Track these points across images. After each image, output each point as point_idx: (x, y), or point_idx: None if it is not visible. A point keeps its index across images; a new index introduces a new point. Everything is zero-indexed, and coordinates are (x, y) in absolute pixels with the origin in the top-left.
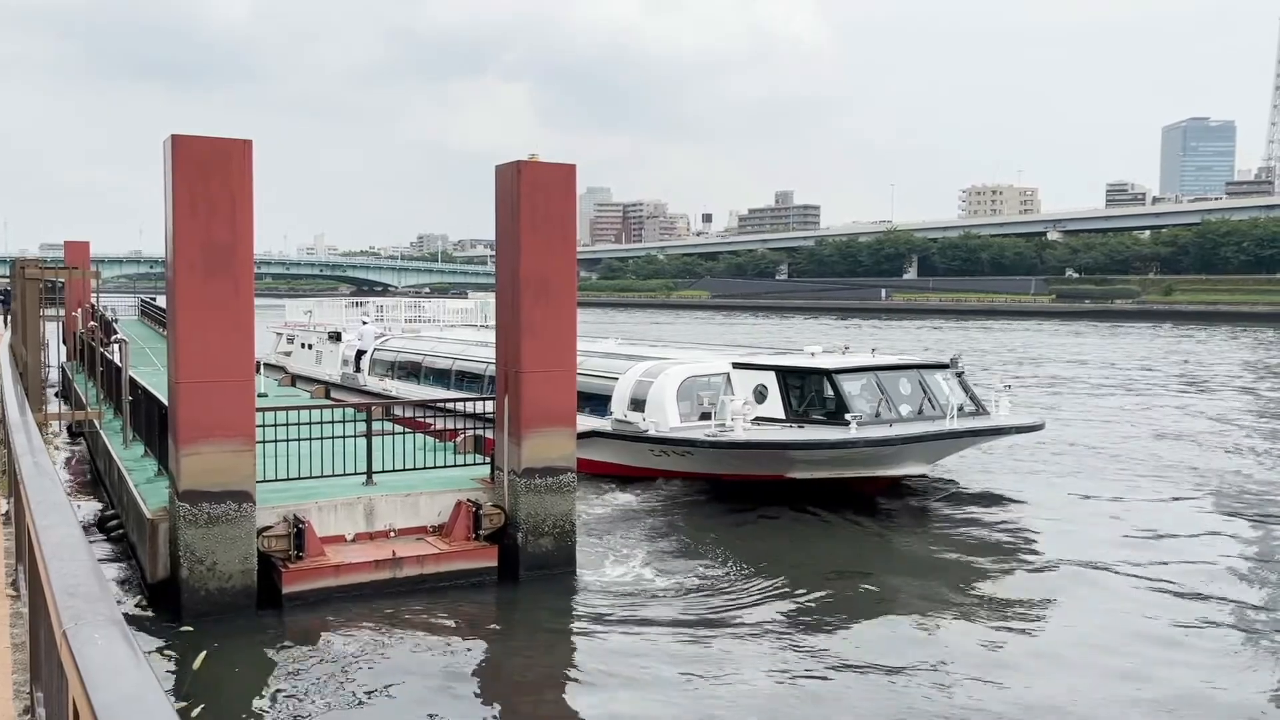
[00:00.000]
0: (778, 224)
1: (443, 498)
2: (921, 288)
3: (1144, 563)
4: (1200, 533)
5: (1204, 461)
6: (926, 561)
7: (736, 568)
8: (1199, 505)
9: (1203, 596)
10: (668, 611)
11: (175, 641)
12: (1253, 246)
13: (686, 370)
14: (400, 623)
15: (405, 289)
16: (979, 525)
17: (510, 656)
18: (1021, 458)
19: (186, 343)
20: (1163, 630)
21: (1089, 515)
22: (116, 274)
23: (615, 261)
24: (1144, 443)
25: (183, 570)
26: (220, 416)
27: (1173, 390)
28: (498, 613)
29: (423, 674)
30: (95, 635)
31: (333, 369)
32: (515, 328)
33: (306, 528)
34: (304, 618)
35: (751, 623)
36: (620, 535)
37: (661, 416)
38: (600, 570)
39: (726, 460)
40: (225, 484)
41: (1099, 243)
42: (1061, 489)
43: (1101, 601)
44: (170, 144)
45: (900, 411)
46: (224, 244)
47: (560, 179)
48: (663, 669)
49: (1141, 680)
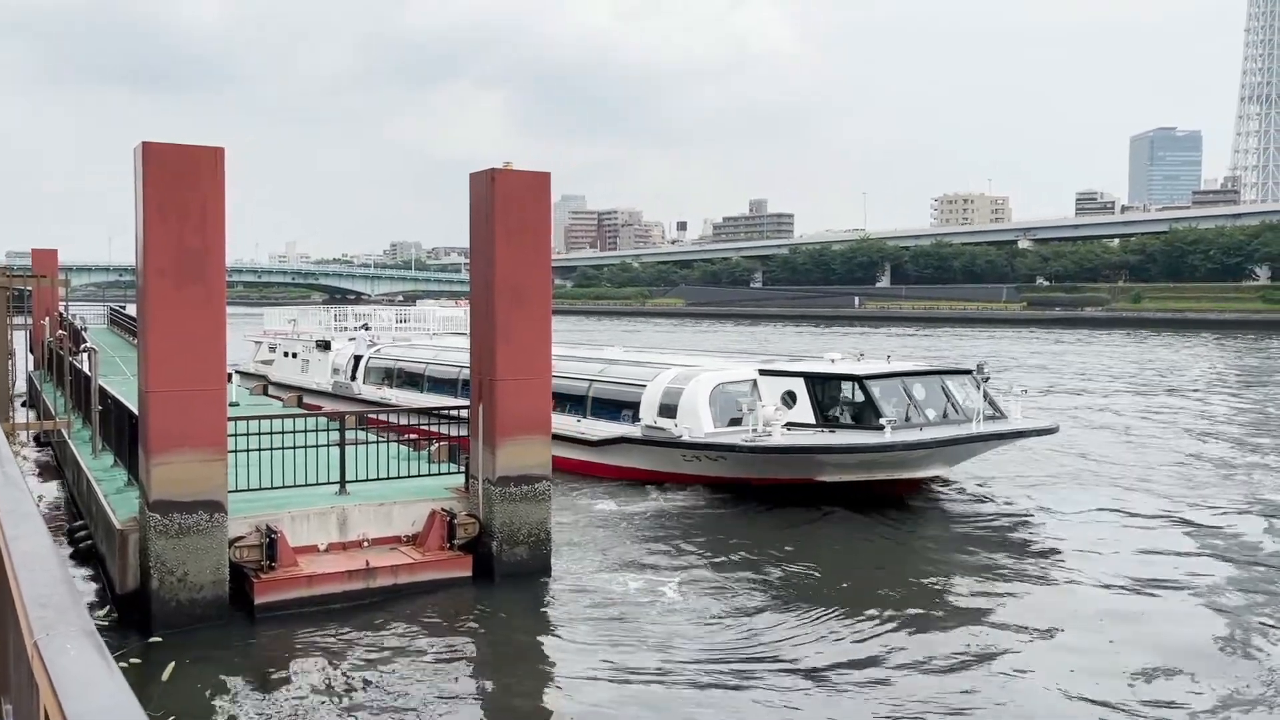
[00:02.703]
0: (752, 232)
1: (416, 507)
2: (894, 295)
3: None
4: (1214, 533)
5: (1214, 465)
6: (908, 559)
7: (717, 573)
8: (1217, 507)
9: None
10: (646, 619)
11: (145, 653)
12: (1219, 255)
13: (717, 377)
14: (373, 633)
15: (378, 297)
16: (980, 522)
17: (485, 666)
18: (1023, 460)
19: (157, 351)
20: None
21: (1100, 517)
22: (86, 282)
23: (590, 269)
24: (1142, 445)
25: (153, 581)
26: (191, 426)
27: (1157, 393)
28: (472, 622)
29: (395, 684)
30: (68, 645)
31: (322, 377)
32: (490, 335)
33: (279, 538)
34: (276, 628)
35: (736, 628)
36: (599, 543)
37: (695, 422)
38: (577, 578)
39: (761, 465)
40: (196, 494)
41: (1069, 251)
42: (1067, 490)
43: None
44: (141, 151)
45: (927, 416)
46: (195, 251)
47: (535, 187)
48: (640, 676)
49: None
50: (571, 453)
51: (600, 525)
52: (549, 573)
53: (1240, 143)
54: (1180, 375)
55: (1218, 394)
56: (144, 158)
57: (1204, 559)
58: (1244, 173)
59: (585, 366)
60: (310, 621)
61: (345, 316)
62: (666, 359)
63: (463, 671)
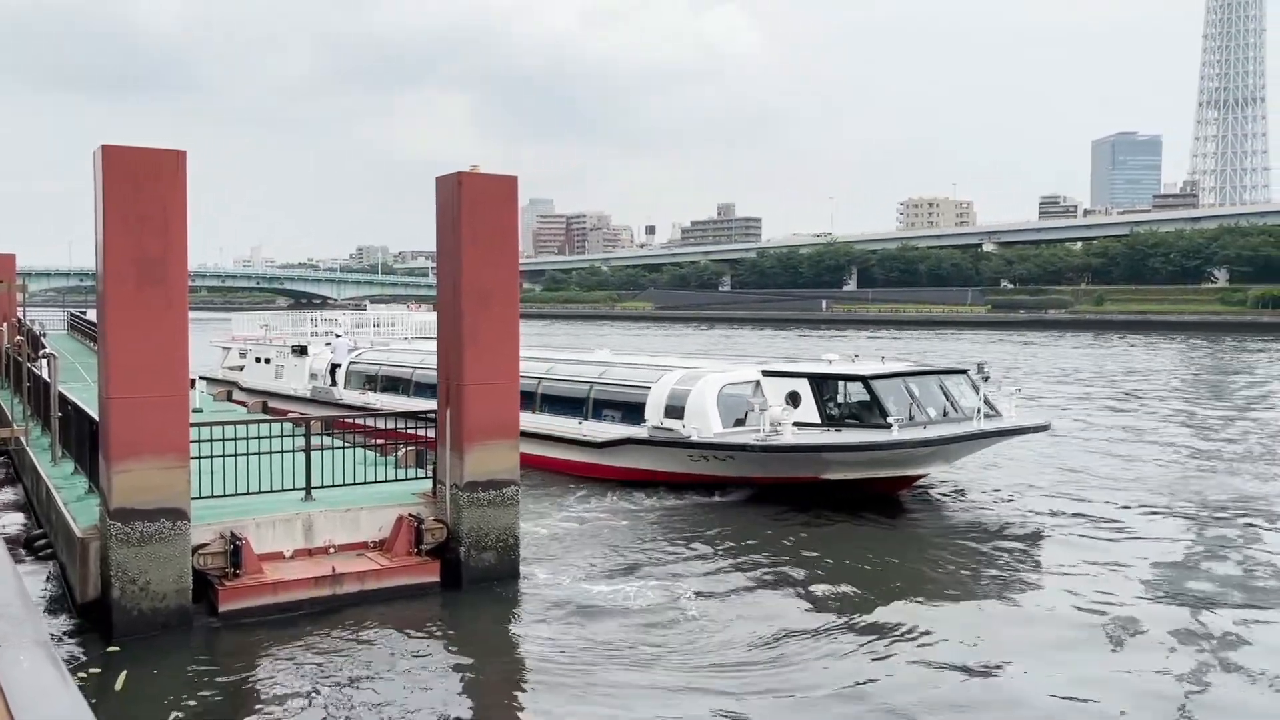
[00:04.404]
0: (720, 236)
1: (383, 512)
2: (861, 299)
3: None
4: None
5: (1181, 462)
6: (904, 559)
7: (682, 578)
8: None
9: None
10: (615, 623)
11: (104, 663)
12: (1179, 258)
13: (724, 378)
14: (340, 640)
15: (344, 301)
16: (964, 516)
17: (453, 672)
18: (1012, 458)
19: (118, 357)
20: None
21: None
22: (45, 287)
23: (559, 273)
24: (1122, 443)
25: (114, 590)
26: (153, 432)
27: (1126, 393)
28: (440, 628)
29: (362, 691)
30: (20, 657)
31: (298, 383)
32: (457, 339)
33: (243, 545)
34: (241, 636)
35: (704, 633)
36: (571, 547)
37: (704, 423)
38: (546, 582)
39: (769, 464)
40: (159, 501)
41: (1033, 254)
42: (1050, 487)
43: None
44: (100, 155)
45: (929, 414)
46: (156, 256)
47: (502, 190)
48: (608, 681)
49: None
50: (573, 454)
51: (578, 527)
52: (518, 578)
53: (1199, 147)
54: (1146, 377)
55: (1183, 394)
56: (104, 161)
57: (1192, 557)
58: (1202, 177)
59: (585, 369)
60: (275, 629)
61: (313, 321)
62: (667, 361)
63: (430, 679)
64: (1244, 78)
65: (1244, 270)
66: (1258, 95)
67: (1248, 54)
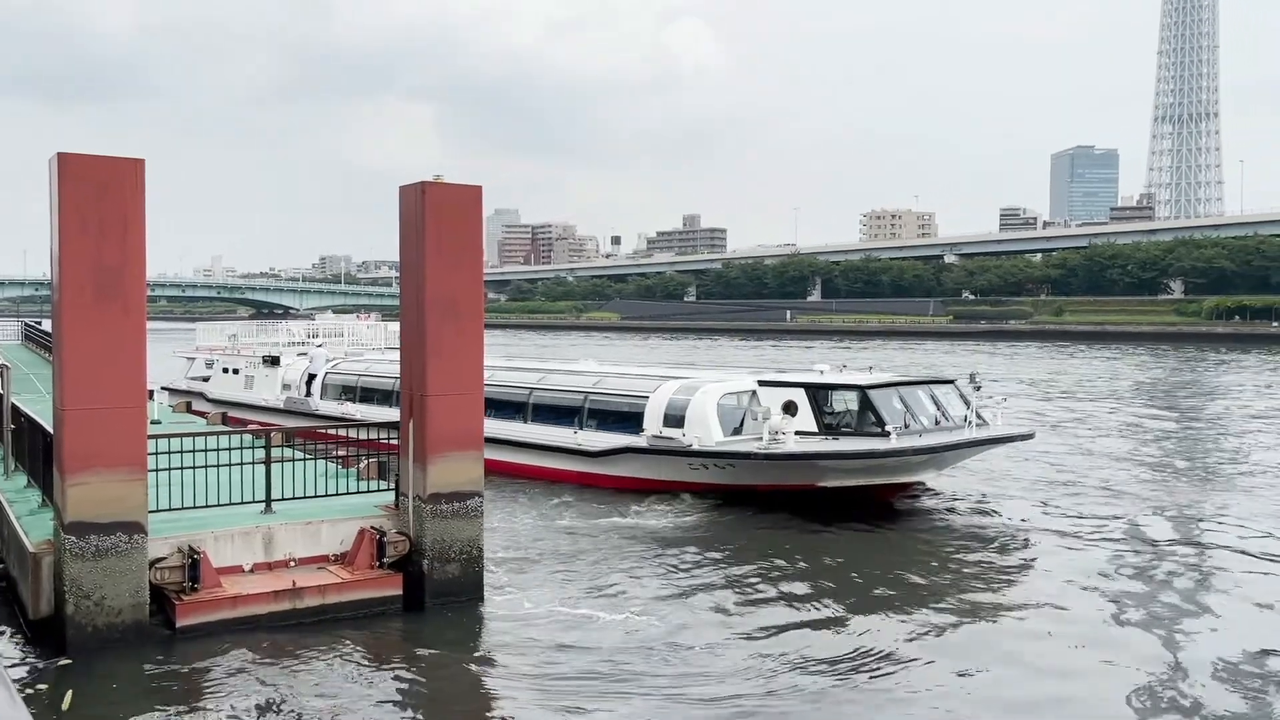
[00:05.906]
0: (685, 247)
1: (345, 525)
2: (825, 309)
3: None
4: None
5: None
6: (879, 562)
7: (653, 590)
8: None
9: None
10: (582, 637)
11: (56, 681)
12: (1136, 269)
13: (722, 388)
14: (300, 655)
15: (307, 311)
16: (952, 524)
17: (415, 687)
18: (999, 465)
19: (73, 368)
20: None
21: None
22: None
23: (525, 283)
24: (1098, 450)
25: (68, 606)
26: (109, 444)
27: (1088, 401)
28: (402, 642)
29: (323, 707)
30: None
31: (270, 393)
32: (420, 350)
33: (202, 558)
34: (199, 651)
35: (677, 645)
36: (536, 559)
37: (705, 432)
38: (512, 596)
39: (769, 472)
40: (115, 514)
41: (993, 265)
42: (1035, 494)
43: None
44: (56, 162)
45: (922, 423)
46: (114, 266)
47: (466, 200)
48: (574, 695)
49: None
50: (567, 464)
51: (550, 538)
52: (481, 591)
53: (1154, 161)
54: (1110, 383)
55: (1150, 402)
56: (60, 169)
57: (1170, 559)
58: (1158, 190)
59: (578, 379)
60: (234, 644)
61: (288, 331)
62: (661, 371)
63: (390, 694)
64: (1198, 93)
65: (1199, 282)
66: (1211, 110)
67: (1202, 70)
